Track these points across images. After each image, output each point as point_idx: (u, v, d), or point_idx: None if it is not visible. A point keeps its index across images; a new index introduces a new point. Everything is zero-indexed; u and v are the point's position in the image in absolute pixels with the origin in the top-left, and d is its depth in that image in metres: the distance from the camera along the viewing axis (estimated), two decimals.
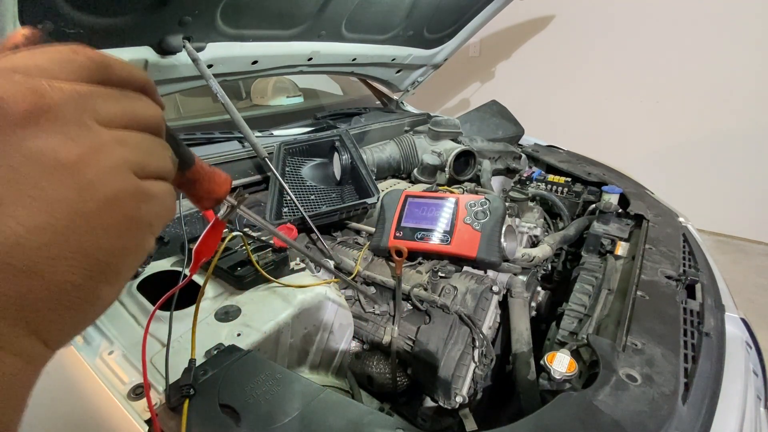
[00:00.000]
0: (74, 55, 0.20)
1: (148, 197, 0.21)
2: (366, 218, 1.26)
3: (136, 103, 0.22)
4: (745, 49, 2.56)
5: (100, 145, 0.19)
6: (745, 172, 2.77)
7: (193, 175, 0.31)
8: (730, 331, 0.83)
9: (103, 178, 0.19)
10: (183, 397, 0.53)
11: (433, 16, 1.54)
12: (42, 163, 0.17)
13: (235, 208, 0.36)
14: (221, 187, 0.32)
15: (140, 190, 0.20)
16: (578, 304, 0.93)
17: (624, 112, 3.08)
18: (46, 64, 0.19)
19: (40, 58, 0.19)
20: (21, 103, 0.17)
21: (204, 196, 0.32)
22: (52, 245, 0.17)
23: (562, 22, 3.17)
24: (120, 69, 0.21)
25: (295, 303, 0.77)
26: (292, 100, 1.96)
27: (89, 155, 0.18)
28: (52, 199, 0.17)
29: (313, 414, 0.54)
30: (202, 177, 0.32)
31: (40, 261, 0.17)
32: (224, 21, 1.04)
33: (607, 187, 1.29)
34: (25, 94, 0.17)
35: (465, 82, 3.81)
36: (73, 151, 0.18)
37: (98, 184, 0.18)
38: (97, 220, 0.18)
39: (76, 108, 0.19)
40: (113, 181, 0.19)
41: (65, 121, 0.18)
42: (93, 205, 0.18)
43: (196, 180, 0.31)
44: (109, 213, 0.19)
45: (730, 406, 0.66)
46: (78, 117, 0.18)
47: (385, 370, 0.92)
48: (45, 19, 0.74)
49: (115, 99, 0.21)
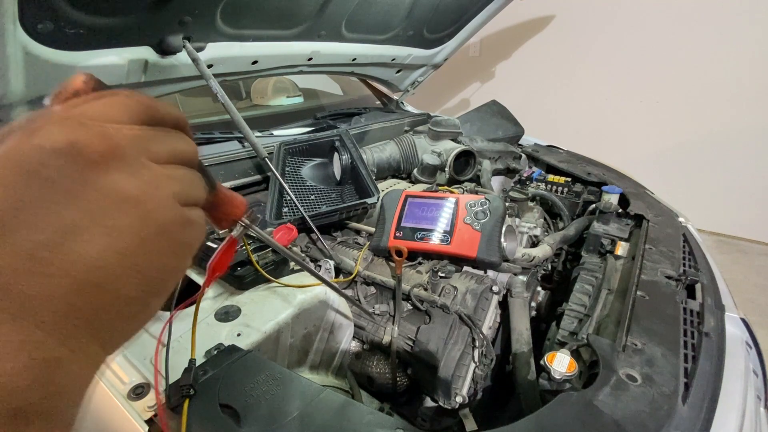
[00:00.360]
0: (128, 100, 0.24)
1: (190, 223, 0.25)
2: (366, 218, 1.26)
3: (178, 141, 0.26)
4: (746, 49, 2.55)
5: (155, 181, 0.23)
6: (745, 172, 2.77)
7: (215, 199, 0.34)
8: (730, 331, 0.83)
9: (158, 209, 0.22)
10: (183, 397, 0.53)
11: (433, 16, 1.54)
12: (113, 197, 0.21)
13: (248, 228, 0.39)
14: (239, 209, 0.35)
15: (184, 218, 0.24)
16: (578, 304, 0.93)
17: (624, 111, 3.08)
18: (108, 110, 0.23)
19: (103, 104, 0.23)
20: (95, 147, 0.20)
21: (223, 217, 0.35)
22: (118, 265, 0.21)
23: (562, 22, 3.17)
24: (162, 110, 0.26)
25: (295, 303, 0.77)
26: (292, 100, 1.96)
27: (148, 189, 0.22)
28: (120, 227, 0.21)
29: (313, 414, 0.54)
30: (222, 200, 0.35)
31: (109, 278, 0.20)
32: (224, 21, 1.04)
33: (607, 187, 1.29)
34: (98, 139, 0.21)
35: (465, 82, 3.81)
36: (135, 186, 0.22)
37: (155, 214, 0.22)
38: (153, 244, 0.22)
39: (136, 149, 0.22)
40: (166, 211, 0.23)
41: (129, 161, 0.22)
42: (151, 231, 0.22)
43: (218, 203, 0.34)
44: (162, 238, 0.23)
45: (730, 406, 0.66)
46: (137, 157, 0.22)
47: (385, 370, 0.92)
48: (45, 19, 0.74)
49: (162, 139, 0.24)
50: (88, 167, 0.20)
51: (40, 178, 0.19)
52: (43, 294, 0.19)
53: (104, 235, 0.20)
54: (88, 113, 0.22)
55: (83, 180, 0.20)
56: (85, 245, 0.20)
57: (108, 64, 0.90)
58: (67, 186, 0.20)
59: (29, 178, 0.19)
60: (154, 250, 0.22)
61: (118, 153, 0.21)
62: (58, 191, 0.19)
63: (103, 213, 0.20)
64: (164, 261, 0.23)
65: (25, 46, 0.73)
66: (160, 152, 0.24)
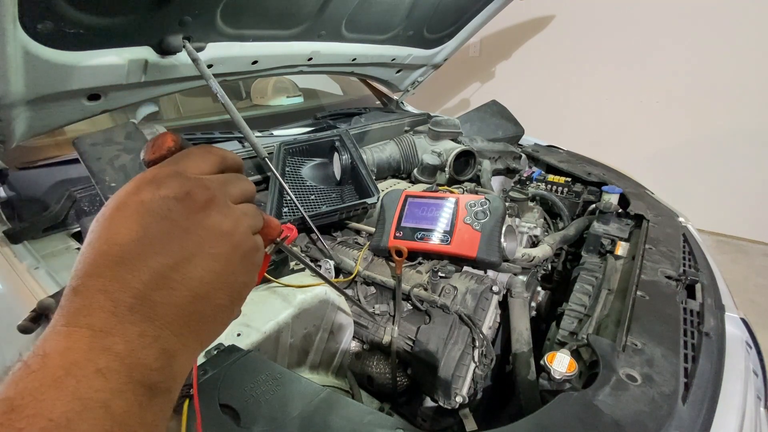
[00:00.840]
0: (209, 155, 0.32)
1: (258, 248, 0.32)
2: (366, 218, 1.26)
3: (243, 183, 0.33)
4: (746, 49, 2.55)
5: (238, 218, 0.30)
6: (745, 172, 2.77)
7: None
8: (730, 331, 0.83)
9: (242, 240, 0.30)
10: (183, 398, 0.53)
11: (433, 16, 1.54)
12: (214, 231, 0.28)
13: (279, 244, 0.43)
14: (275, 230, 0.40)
15: (255, 244, 0.32)
16: (578, 304, 0.93)
17: (624, 112, 3.08)
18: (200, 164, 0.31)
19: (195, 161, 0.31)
20: (201, 196, 0.28)
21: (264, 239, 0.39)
22: (217, 281, 0.28)
23: (562, 22, 3.17)
24: (230, 157, 0.34)
25: (295, 303, 0.77)
26: (292, 100, 1.96)
27: (234, 225, 0.30)
28: (218, 254, 0.28)
29: (313, 414, 0.54)
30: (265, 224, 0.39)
31: (211, 291, 0.28)
32: (224, 21, 1.04)
33: (607, 187, 1.29)
34: (202, 190, 0.28)
35: (465, 82, 3.81)
36: (227, 223, 0.29)
37: (240, 244, 0.30)
38: (238, 265, 0.29)
39: (223, 193, 0.30)
40: (246, 241, 0.30)
41: (220, 204, 0.29)
42: (237, 256, 0.29)
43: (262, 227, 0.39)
44: (244, 260, 0.30)
45: (730, 406, 0.66)
46: (224, 199, 0.30)
47: (385, 370, 0.92)
48: (45, 19, 0.74)
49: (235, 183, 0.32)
50: (198, 210, 0.28)
51: (167, 219, 0.26)
52: (167, 302, 0.25)
53: (209, 260, 0.27)
54: (190, 169, 0.30)
55: (195, 220, 0.27)
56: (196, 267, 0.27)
57: (108, 64, 0.90)
58: (184, 225, 0.27)
59: (160, 220, 0.26)
60: (238, 270, 0.30)
61: (214, 199, 0.29)
62: (178, 228, 0.27)
63: (208, 243, 0.28)
64: (244, 278, 0.30)
65: (25, 46, 0.73)
66: (236, 194, 0.32)
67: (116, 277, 0.24)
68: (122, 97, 1.01)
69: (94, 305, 0.24)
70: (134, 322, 0.24)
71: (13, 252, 0.90)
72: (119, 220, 0.26)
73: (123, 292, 0.24)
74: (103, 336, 0.23)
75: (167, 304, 0.25)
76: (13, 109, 0.79)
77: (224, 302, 0.29)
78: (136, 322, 0.24)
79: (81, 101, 0.93)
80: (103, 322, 0.23)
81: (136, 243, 0.25)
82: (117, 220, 0.26)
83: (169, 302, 0.25)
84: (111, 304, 0.24)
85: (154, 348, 0.25)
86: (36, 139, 0.98)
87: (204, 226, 0.28)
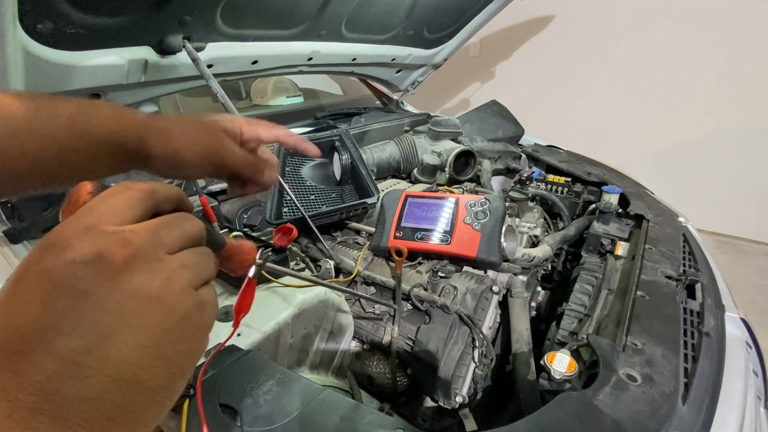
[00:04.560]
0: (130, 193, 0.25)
1: (205, 305, 0.26)
2: (366, 218, 1.26)
3: (183, 223, 0.27)
4: (746, 49, 2.55)
5: (172, 274, 0.24)
6: (745, 172, 2.77)
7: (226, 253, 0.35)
8: (730, 331, 0.83)
9: (178, 301, 0.24)
10: (183, 397, 0.53)
11: (433, 16, 1.54)
12: (138, 297, 0.23)
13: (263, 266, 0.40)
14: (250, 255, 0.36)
15: (200, 302, 0.26)
16: (578, 304, 0.93)
17: (624, 112, 3.08)
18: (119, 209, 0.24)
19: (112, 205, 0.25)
20: (119, 255, 0.22)
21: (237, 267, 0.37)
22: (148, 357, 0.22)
23: (562, 22, 3.17)
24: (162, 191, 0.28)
25: (295, 303, 0.77)
26: (292, 100, 1.96)
27: (167, 285, 0.24)
28: (146, 324, 0.23)
29: (313, 414, 0.54)
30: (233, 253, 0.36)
31: (140, 372, 0.22)
32: (224, 21, 1.04)
33: (607, 187, 1.29)
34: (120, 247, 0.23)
35: (465, 82, 3.81)
36: (155, 284, 0.23)
37: (175, 307, 0.24)
38: (176, 333, 0.24)
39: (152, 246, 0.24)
40: (184, 301, 0.25)
41: (147, 259, 0.24)
42: (173, 323, 0.24)
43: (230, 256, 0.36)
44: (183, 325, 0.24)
45: (730, 406, 0.66)
46: (155, 253, 0.24)
47: (385, 370, 0.92)
48: (45, 19, 0.74)
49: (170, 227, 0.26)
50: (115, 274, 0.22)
51: (75, 290, 0.21)
52: (80, 396, 0.20)
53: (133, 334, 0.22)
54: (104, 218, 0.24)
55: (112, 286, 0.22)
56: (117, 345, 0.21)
57: (108, 64, 0.90)
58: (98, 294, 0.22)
59: (66, 291, 0.21)
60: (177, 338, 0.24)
61: (138, 256, 0.23)
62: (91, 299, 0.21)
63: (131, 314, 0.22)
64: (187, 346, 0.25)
65: (25, 46, 0.73)
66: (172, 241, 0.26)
67: (14, 371, 0.20)
68: (122, 97, 1.01)
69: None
70: (38, 426, 0.19)
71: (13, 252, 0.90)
72: (17, 298, 0.21)
73: (22, 389, 0.19)
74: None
75: (81, 398, 0.20)
76: None
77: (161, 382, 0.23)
78: (40, 426, 0.19)
79: None
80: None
81: (37, 325, 0.20)
82: (14, 298, 0.21)
83: (83, 395, 0.20)
84: (7, 407, 0.19)
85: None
86: None
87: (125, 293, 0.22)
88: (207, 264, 0.28)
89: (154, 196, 0.27)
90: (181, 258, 0.26)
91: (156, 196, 0.27)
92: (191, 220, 0.28)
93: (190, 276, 0.26)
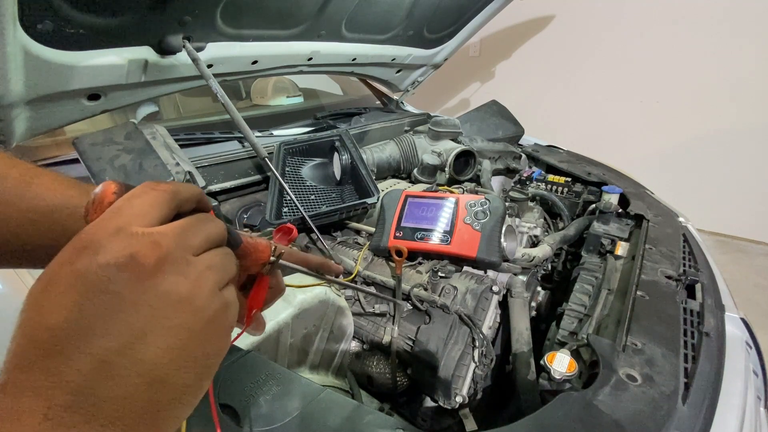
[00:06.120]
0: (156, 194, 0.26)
1: (229, 305, 0.27)
2: (366, 218, 1.26)
3: (207, 225, 0.28)
4: (746, 49, 2.55)
5: (199, 276, 0.25)
6: (745, 172, 2.77)
7: (242, 252, 0.35)
8: (730, 331, 0.83)
9: (206, 303, 0.25)
10: None
11: (433, 16, 1.54)
12: (169, 299, 0.23)
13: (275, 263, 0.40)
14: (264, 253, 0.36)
15: (224, 303, 0.26)
16: (578, 304, 0.93)
17: (624, 112, 3.08)
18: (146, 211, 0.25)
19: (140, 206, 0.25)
20: (150, 257, 0.23)
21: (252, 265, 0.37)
22: (178, 358, 0.23)
23: (562, 22, 3.17)
24: (184, 192, 0.28)
25: (295, 303, 0.77)
26: (292, 100, 1.96)
27: (195, 287, 0.24)
28: (177, 325, 0.23)
29: (313, 414, 0.54)
30: (248, 251, 0.36)
31: (169, 372, 0.23)
32: (224, 21, 1.04)
33: (607, 187, 1.29)
34: (150, 249, 0.23)
35: (465, 82, 3.81)
36: (185, 286, 0.24)
37: (204, 308, 0.25)
38: (204, 334, 0.25)
39: (180, 248, 0.25)
40: (212, 303, 0.25)
41: (176, 261, 0.24)
42: (202, 324, 0.24)
43: (245, 255, 0.36)
44: (211, 326, 0.25)
45: (730, 406, 0.66)
46: (182, 255, 0.25)
47: (385, 370, 0.92)
48: (45, 19, 0.74)
49: (195, 229, 0.26)
50: (146, 276, 0.23)
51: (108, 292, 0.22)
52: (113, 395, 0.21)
53: (164, 335, 0.23)
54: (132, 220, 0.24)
55: (143, 289, 0.23)
56: (149, 346, 0.22)
57: (108, 64, 0.90)
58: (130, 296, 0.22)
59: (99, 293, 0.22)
60: (205, 339, 0.25)
61: (168, 258, 0.24)
62: (123, 301, 0.22)
63: (162, 315, 0.23)
64: (214, 346, 0.26)
65: (25, 46, 0.73)
66: (198, 243, 0.26)
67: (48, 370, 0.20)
68: (122, 97, 1.01)
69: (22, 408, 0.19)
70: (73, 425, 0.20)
71: None
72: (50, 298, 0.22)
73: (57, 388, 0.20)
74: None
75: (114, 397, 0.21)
76: (13, 109, 0.79)
77: (189, 381, 0.24)
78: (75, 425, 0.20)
79: (81, 101, 0.93)
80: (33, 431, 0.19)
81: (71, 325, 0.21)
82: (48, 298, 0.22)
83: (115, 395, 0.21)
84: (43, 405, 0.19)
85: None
86: (36, 139, 0.98)
87: (156, 295, 0.23)
88: (230, 264, 0.29)
89: (177, 196, 0.27)
90: (206, 259, 0.26)
91: (179, 196, 0.27)
92: (214, 221, 0.29)
93: (216, 277, 0.26)
